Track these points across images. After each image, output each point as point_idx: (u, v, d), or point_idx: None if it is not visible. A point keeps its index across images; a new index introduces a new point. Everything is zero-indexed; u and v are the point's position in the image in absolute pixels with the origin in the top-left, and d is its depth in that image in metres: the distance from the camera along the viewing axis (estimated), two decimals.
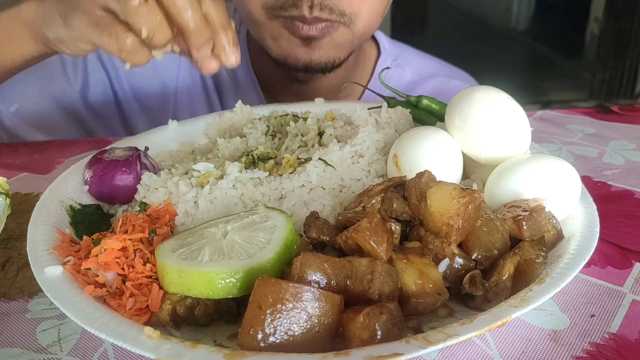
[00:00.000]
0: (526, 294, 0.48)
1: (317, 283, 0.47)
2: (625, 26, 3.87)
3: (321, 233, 0.55)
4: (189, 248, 0.52)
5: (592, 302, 0.55)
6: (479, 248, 0.53)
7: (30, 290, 0.58)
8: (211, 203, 0.62)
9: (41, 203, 0.63)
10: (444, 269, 0.52)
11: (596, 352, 0.49)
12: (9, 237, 0.66)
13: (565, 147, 0.91)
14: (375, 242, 0.50)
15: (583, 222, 0.59)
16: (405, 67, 1.22)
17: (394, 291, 0.48)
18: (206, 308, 0.50)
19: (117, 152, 0.70)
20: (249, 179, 0.64)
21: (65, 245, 0.57)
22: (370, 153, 0.69)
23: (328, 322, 0.45)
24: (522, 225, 0.55)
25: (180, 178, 0.66)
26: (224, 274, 0.48)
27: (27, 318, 0.55)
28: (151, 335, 0.44)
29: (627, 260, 0.61)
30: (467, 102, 0.62)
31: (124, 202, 0.69)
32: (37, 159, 0.91)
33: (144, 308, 0.50)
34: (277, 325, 0.43)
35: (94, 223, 0.64)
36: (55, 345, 0.51)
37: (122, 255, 0.53)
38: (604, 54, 4.05)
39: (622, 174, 0.81)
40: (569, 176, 0.59)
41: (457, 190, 0.52)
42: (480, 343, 0.50)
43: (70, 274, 0.52)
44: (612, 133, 0.96)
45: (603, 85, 4.07)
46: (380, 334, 0.44)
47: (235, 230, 0.53)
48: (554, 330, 0.51)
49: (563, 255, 0.54)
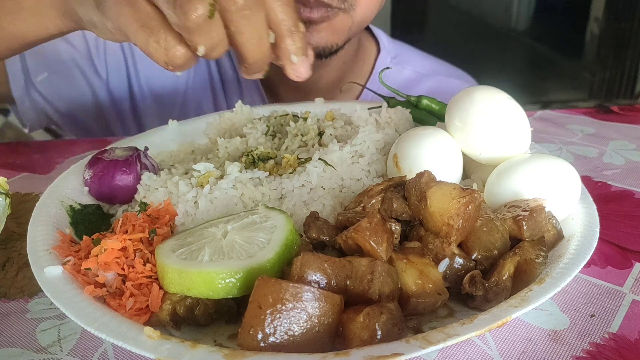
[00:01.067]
0: (526, 294, 0.48)
1: (317, 283, 0.47)
2: (625, 26, 3.87)
3: (321, 233, 0.55)
4: (189, 248, 0.52)
5: (592, 302, 0.55)
6: (479, 248, 0.53)
7: (30, 290, 0.58)
8: (211, 203, 0.62)
9: (41, 203, 0.63)
10: (444, 269, 0.52)
11: (596, 352, 0.49)
12: (9, 237, 0.66)
13: (565, 147, 0.91)
14: (375, 242, 0.50)
15: (583, 222, 0.59)
16: (404, 65, 1.22)
17: (394, 291, 0.48)
18: (206, 308, 0.50)
19: (117, 152, 0.70)
20: (249, 179, 0.64)
21: (65, 245, 0.57)
22: (370, 153, 0.69)
23: (328, 322, 0.45)
24: (522, 225, 0.55)
25: (180, 178, 0.66)
26: (224, 274, 0.48)
27: (27, 318, 0.55)
28: (151, 335, 0.44)
29: (627, 260, 0.61)
30: (467, 102, 0.62)
31: (124, 202, 0.69)
32: (37, 159, 0.91)
33: (144, 308, 0.50)
34: (277, 325, 0.43)
35: (94, 223, 0.64)
36: (55, 345, 0.51)
37: (122, 255, 0.53)
38: (604, 54, 4.05)
39: (622, 174, 0.81)
40: (569, 176, 0.59)
41: (457, 190, 0.52)
42: (480, 343, 0.50)
43: (70, 274, 0.52)
44: (612, 133, 0.96)
45: (603, 85, 4.07)
46: (380, 334, 0.44)
47: (235, 230, 0.53)
48: (554, 330, 0.51)
49: (563, 255, 0.54)
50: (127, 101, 1.14)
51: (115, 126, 1.16)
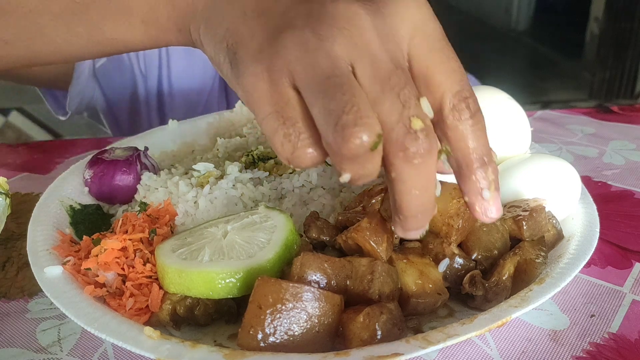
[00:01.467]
0: (526, 294, 0.48)
1: (317, 283, 0.47)
2: (626, 26, 3.87)
3: (321, 233, 0.55)
4: (189, 248, 0.52)
5: (592, 302, 0.55)
6: (479, 248, 0.53)
7: (30, 290, 0.58)
8: (211, 203, 0.62)
9: (41, 203, 0.63)
10: (444, 268, 0.52)
11: (596, 352, 0.49)
12: (9, 237, 0.66)
13: (565, 147, 0.91)
14: (376, 242, 0.50)
15: (583, 222, 0.59)
16: None
17: (394, 291, 0.48)
18: (206, 308, 0.50)
19: (117, 152, 0.70)
20: (248, 178, 0.64)
21: (65, 245, 0.57)
22: None
23: (328, 322, 0.45)
24: (522, 225, 0.55)
25: (180, 178, 0.66)
26: (224, 274, 0.48)
27: (27, 318, 0.55)
28: (151, 335, 0.44)
29: (627, 260, 0.61)
30: None
31: (124, 202, 0.68)
32: (37, 159, 0.91)
33: (144, 308, 0.50)
34: (277, 325, 0.43)
35: (94, 223, 0.64)
36: (55, 345, 0.51)
37: (122, 255, 0.53)
38: (604, 54, 4.05)
39: (622, 174, 0.81)
40: (569, 176, 0.59)
41: (457, 190, 0.52)
42: (480, 343, 0.50)
43: (70, 274, 0.52)
44: (612, 133, 0.96)
45: (603, 85, 4.07)
46: (380, 334, 0.44)
47: (235, 230, 0.53)
48: (554, 330, 0.51)
49: (563, 255, 0.54)
50: (155, 97, 1.16)
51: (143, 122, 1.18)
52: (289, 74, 0.41)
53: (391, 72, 0.39)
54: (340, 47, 0.40)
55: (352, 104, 0.38)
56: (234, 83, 0.45)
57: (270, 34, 0.42)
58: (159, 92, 1.16)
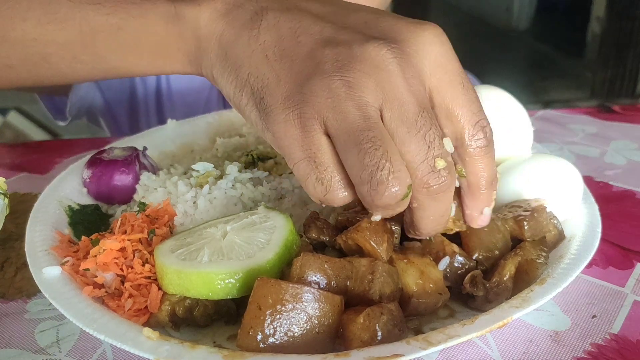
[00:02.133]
0: (527, 295, 0.48)
1: (317, 284, 0.47)
2: (627, 25, 3.86)
3: (321, 233, 0.55)
4: (188, 248, 0.51)
5: (594, 303, 0.54)
6: (480, 248, 0.53)
7: (28, 290, 0.58)
8: (210, 203, 0.62)
9: (40, 203, 0.63)
10: (444, 267, 0.52)
11: (597, 353, 0.49)
12: (8, 238, 0.65)
13: (566, 147, 0.91)
14: (376, 242, 0.50)
15: (584, 223, 0.59)
16: None
17: (395, 292, 0.48)
18: (205, 309, 0.50)
19: (115, 152, 0.70)
20: (248, 178, 0.64)
21: (64, 246, 0.57)
22: None
23: (328, 323, 0.44)
24: (523, 226, 0.55)
25: (179, 178, 0.65)
26: (223, 275, 0.48)
27: (25, 319, 0.54)
28: (150, 336, 0.44)
29: (629, 261, 0.61)
30: None
31: (123, 202, 0.68)
32: (36, 159, 0.91)
33: (142, 309, 0.50)
34: (277, 326, 0.43)
35: (93, 223, 0.64)
36: (54, 346, 0.51)
37: (120, 256, 0.52)
38: (606, 54, 4.04)
39: (624, 174, 0.81)
40: (570, 176, 0.59)
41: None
42: (481, 344, 0.50)
43: (68, 275, 0.52)
44: (614, 133, 0.96)
45: (604, 84, 4.06)
46: (380, 335, 0.44)
47: (235, 230, 0.53)
48: (555, 331, 0.51)
49: (564, 256, 0.54)
50: (154, 97, 1.16)
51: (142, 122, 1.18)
52: (320, 120, 0.42)
53: (417, 115, 0.42)
54: (369, 94, 0.42)
55: (385, 159, 0.40)
56: (262, 127, 0.46)
57: (297, 79, 0.44)
58: (158, 92, 1.16)
